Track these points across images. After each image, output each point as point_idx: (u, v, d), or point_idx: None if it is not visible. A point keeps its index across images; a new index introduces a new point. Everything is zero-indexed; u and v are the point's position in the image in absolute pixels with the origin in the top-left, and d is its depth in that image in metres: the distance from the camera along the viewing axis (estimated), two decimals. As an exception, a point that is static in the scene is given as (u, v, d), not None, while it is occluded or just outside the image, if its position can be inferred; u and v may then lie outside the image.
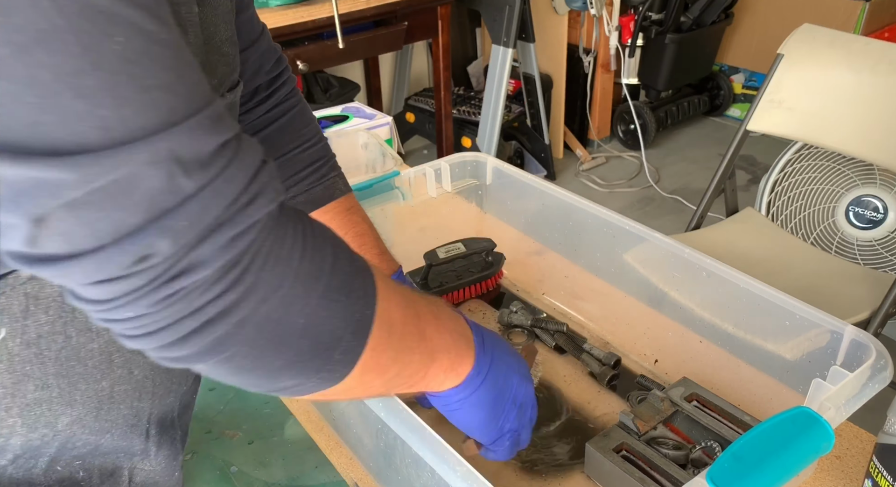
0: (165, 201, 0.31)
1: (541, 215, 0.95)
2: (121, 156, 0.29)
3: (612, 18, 2.67)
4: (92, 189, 0.29)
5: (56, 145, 0.28)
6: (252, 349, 0.36)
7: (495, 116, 2.54)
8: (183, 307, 0.33)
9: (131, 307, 0.33)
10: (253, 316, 0.35)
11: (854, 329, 0.64)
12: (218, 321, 0.34)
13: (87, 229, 0.30)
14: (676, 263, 0.78)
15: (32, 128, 0.28)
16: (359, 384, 0.44)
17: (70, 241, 0.30)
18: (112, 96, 0.29)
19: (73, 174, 0.29)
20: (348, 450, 0.77)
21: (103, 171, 0.29)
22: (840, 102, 1.36)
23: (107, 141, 0.29)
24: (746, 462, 0.50)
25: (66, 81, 0.28)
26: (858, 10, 2.63)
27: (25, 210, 0.29)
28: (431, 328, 0.50)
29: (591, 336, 0.90)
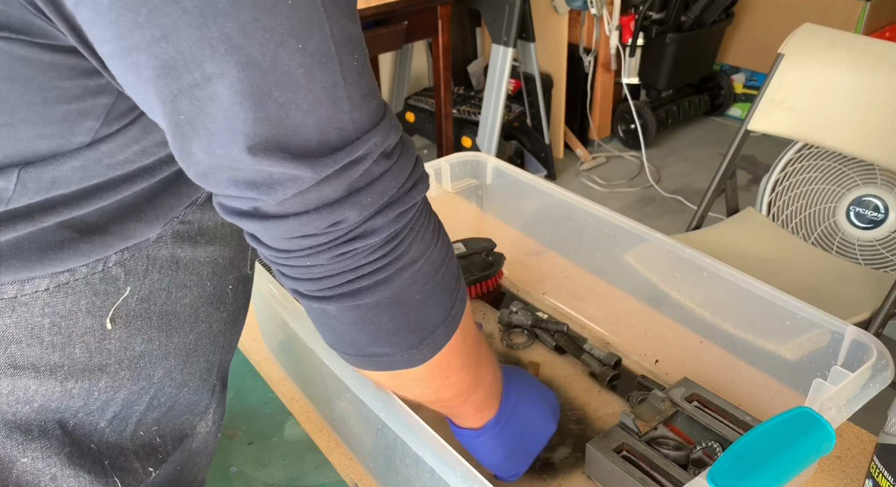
0: (360, 182, 0.39)
1: (541, 215, 0.95)
2: (348, 151, 0.38)
3: (612, 18, 2.66)
4: (322, 178, 0.37)
5: (308, 145, 0.36)
6: (378, 304, 0.44)
7: (495, 116, 2.54)
8: (350, 263, 0.42)
9: (312, 258, 0.41)
10: (392, 280, 0.43)
11: (855, 329, 0.63)
12: (368, 277, 0.43)
13: (300, 199, 0.38)
14: (677, 263, 0.78)
15: (297, 128, 0.36)
16: (425, 377, 0.51)
17: (282, 206, 0.38)
18: (350, 103, 0.37)
19: (313, 171, 0.37)
20: (348, 450, 0.76)
21: (333, 164, 0.37)
22: (841, 101, 1.35)
23: (342, 140, 0.37)
24: (747, 463, 0.50)
25: (328, 93, 0.36)
26: (859, 10, 2.63)
27: (276, 194, 0.37)
28: (483, 359, 0.57)
29: (591, 337, 0.90)
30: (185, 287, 0.49)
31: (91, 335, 0.45)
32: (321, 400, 0.79)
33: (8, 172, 0.38)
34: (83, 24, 0.33)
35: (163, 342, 0.49)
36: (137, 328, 0.47)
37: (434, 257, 0.46)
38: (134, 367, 0.48)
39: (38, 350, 0.44)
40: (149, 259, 0.46)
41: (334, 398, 0.74)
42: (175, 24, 0.32)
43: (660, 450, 0.67)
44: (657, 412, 0.71)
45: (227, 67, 0.33)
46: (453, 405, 0.57)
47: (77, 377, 0.46)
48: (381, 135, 0.39)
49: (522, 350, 0.89)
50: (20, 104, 0.36)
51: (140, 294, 0.47)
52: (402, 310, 0.45)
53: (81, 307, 0.44)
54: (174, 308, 0.49)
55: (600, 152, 3.04)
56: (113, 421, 0.49)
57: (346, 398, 0.69)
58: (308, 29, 0.34)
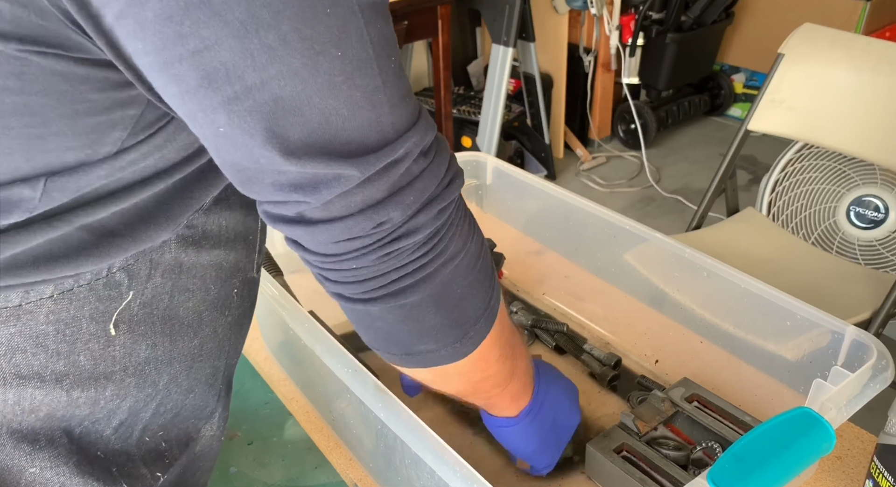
0: (402, 181, 0.40)
1: (541, 215, 0.95)
2: (388, 151, 0.38)
3: (612, 18, 2.66)
4: (365, 178, 0.38)
5: (349, 147, 0.37)
6: (422, 301, 0.45)
7: (495, 116, 2.54)
8: (395, 262, 0.42)
9: (357, 260, 0.42)
10: (434, 276, 0.44)
11: (855, 330, 0.63)
12: (412, 276, 0.43)
13: (345, 202, 0.39)
14: (677, 263, 0.78)
15: (338, 132, 0.37)
16: (467, 371, 0.51)
17: (328, 210, 0.39)
18: (390, 105, 0.38)
19: (357, 170, 0.37)
20: (348, 451, 0.76)
21: (376, 163, 0.38)
22: (841, 101, 1.35)
23: (382, 142, 0.38)
24: (747, 463, 0.49)
25: (369, 97, 0.37)
26: (859, 10, 2.63)
27: (321, 195, 0.38)
28: (518, 348, 0.58)
29: (591, 337, 0.90)
30: (189, 291, 0.49)
31: (95, 341, 0.45)
32: (321, 400, 0.79)
33: (34, 181, 0.39)
34: (123, 37, 0.33)
35: (167, 347, 0.49)
36: (141, 333, 0.47)
37: (472, 250, 0.47)
38: (139, 374, 0.48)
39: (43, 359, 0.44)
40: (152, 264, 0.46)
41: (334, 399, 0.74)
42: (217, 35, 0.32)
43: (660, 450, 0.67)
44: (657, 412, 0.71)
45: (268, 76, 0.34)
46: (490, 396, 0.58)
47: (83, 385, 0.46)
48: (420, 134, 0.40)
49: (522, 350, 0.89)
50: (52, 117, 0.37)
51: (143, 299, 0.46)
52: (445, 305, 0.46)
53: (85, 313, 0.44)
54: (177, 313, 0.49)
55: (600, 152, 3.04)
56: (119, 429, 0.49)
57: (346, 399, 0.69)
58: (347, 36, 0.35)
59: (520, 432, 0.63)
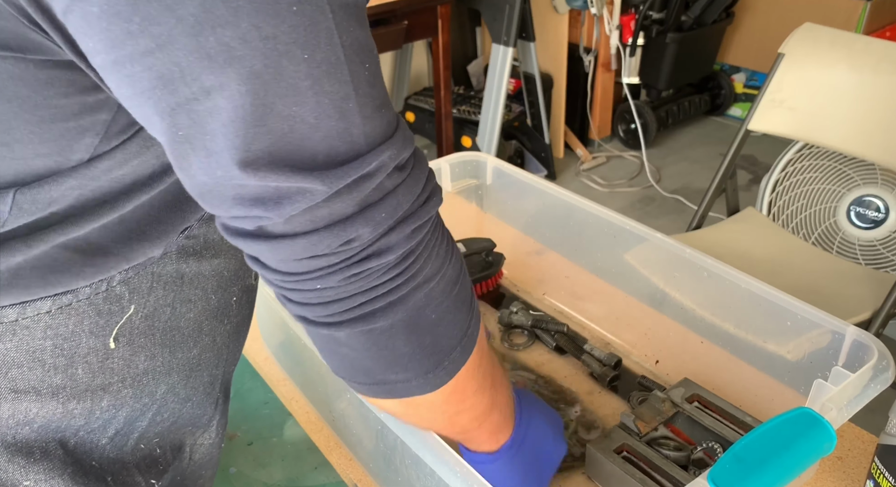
0: (373, 196, 0.37)
1: (541, 215, 0.95)
2: (358, 164, 0.35)
3: (612, 17, 2.66)
4: (333, 192, 0.35)
5: (315, 159, 0.34)
6: (392, 327, 0.41)
7: (495, 116, 2.53)
8: (364, 283, 0.39)
9: (322, 280, 0.38)
10: (406, 299, 0.41)
11: (855, 330, 0.63)
12: (382, 299, 0.40)
13: (309, 216, 0.36)
14: (677, 263, 0.77)
15: (303, 142, 0.33)
16: (440, 403, 0.47)
17: (290, 225, 0.36)
18: (361, 116, 0.35)
19: (324, 185, 0.34)
20: (348, 451, 0.76)
21: (344, 177, 0.35)
22: (841, 101, 1.35)
23: (351, 154, 0.35)
24: (748, 463, 0.49)
25: (337, 105, 0.34)
26: (860, 10, 2.62)
27: (283, 210, 0.35)
28: (498, 379, 0.54)
29: (591, 337, 0.90)
30: (190, 302, 0.48)
31: (94, 355, 0.44)
32: (321, 401, 0.79)
33: (3, 194, 0.37)
34: (74, 34, 0.31)
35: (166, 358, 0.48)
36: (141, 345, 0.46)
37: (449, 274, 0.43)
38: (137, 385, 0.47)
39: (39, 373, 0.43)
40: (153, 276, 0.45)
41: (334, 399, 0.74)
42: (170, 33, 0.30)
43: (660, 451, 0.67)
44: (657, 412, 0.71)
45: (227, 79, 0.31)
46: (467, 431, 0.54)
47: (79, 397, 0.45)
48: (395, 148, 0.37)
49: (522, 351, 0.89)
50: (16, 124, 0.35)
51: (144, 312, 0.45)
52: (417, 332, 0.43)
53: (84, 327, 0.43)
54: (178, 324, 0.48)
55: (600, 152, 3.04)
56: (114, 437, 0.48)
57: (345, 399, 0.69)
58: (315, 37, 0.32)
59: (500, 468, 0.58)
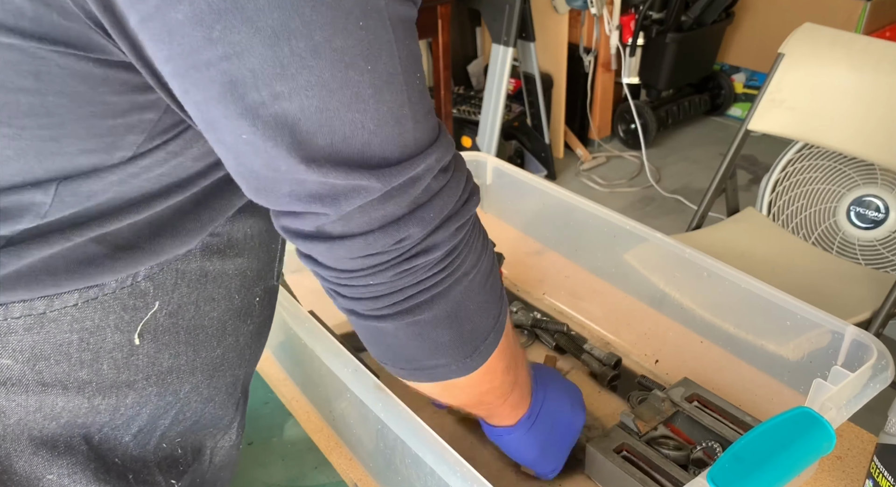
0: (422, 198, 0.40)
1: (541, 215, 0.95)
2: (409, 166, 0.38)
3: (612, 17, 2.66)
4: (385, 192, 0.37)
5: (371, 159, 0.37)
6: (436, 318, 0.44)
7: (495, 116, 2.53)
8: (412, 278, 0.42)
9: (375, 277, 0.41)
10: (449, 292, 0.44)
11: (855, 329, 0.63)
12: (427, 292, 0.43)
13: (366, 217, 0.38)
14: (677, 263, 0.78)
15: (363, 146, 0.36)
16: (475, 384, 0.51)
17: (348, 226, 0.39)
18: (414, 121, 0.38)
19: (380, 182, 0.37)
20: (348, 451, 0.76)
21: (398, 176, 0.37)
22: (841, 101, 1.35)
23: (404, 156, 0.38)
24: (747, 463, 0.49)
25: (395, 113, 0.37)
26: (860, 10, 2.62)
27: (340, 207, 0.37)
28: (520, 356, 0.58)
29: (591, 337, 0.90)
30: (214, 301, 0.49)
31: (119, 350, 0.45)
32: (321, 400, 0.79)
33: (46, 185, 0.38)
34: (148, 40, 0.33)
35: (190, 356, 0.49)
36: (165, 342, 0.47)
37: (484, 267, 0.46)
38: (161, 382, 0.48)
39: (66, 367, 0.43)
40: (178, 273, 0.46)
41: (334, 399, 0.74)
42: (249, 41, 0.32)
43: (660, 450, 0.67)
44: (657, 412, 0.71)
45: (297, 85, 0.33)
46: (493, 407, 0.58)
47: (104, 393, 0.45)
48: (440, 151, 0.40)
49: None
50: (68, 118, 0.36)
51: (169, 309, 0.46)
52: (457, 322, 0.46)
53: (110, 322, 0.44)
54: (202, 322, 0.49)
55: (600, 152, 3.04)
56: (138, 435, 0.49)
57: (346, 399, 0.69)
58: (377, 50, 0.35)
59: (519, 439, 0.63)
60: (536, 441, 0.64)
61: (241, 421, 0.58)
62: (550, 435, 0.65)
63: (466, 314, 0.46)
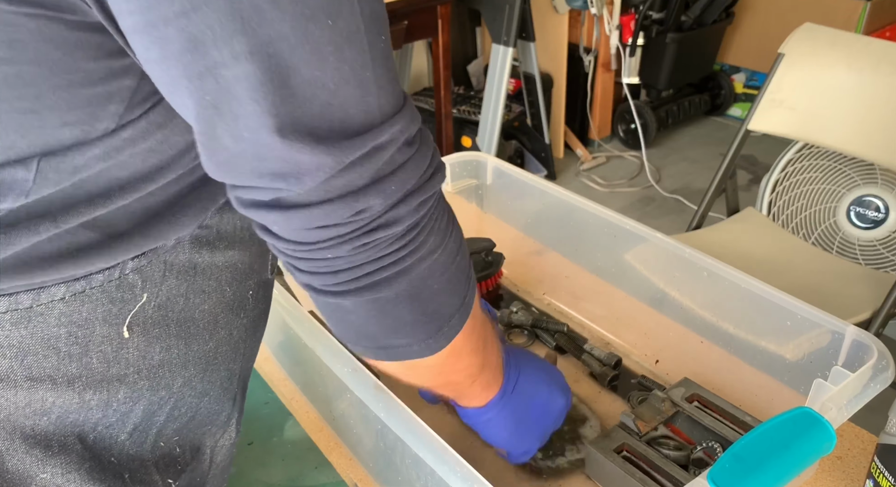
0: (385, 169, 0.38)
1: (541, 215, 0.95)
2: (372, 135, 0.36)
3: (612, 17, 2.66)
4: (348, 162, 0.36)
5: (332, 127, 0.35)
6: (397, 296, 0.43)
7: (495, 116, 2.53)
8: (371, 253, 0.41)
9: (333, 250, 0.40)
10: (411, 270, 0.43)
11: (855, 329, 0.63)
12: (388, 269, 0.42)
13: (325, 186, 0.37)
14: (677, 263, 0.77)
15: (323, 108, 0.35)
16: (439, 364, 0.50)
17: (306, 195, 0.37)
18: (377, 86, 0.36)
19: (340, 155, 0.36)
20: (348, 451, 0.76)
21: (361, 146, 0.36)
22: (841, 101, 1.35)
23: (366, 124, 0.36)
24: (748, 463, 0.49)
25: (356, 73, 0.35)
26: (860, 10, 2.62)
27: (304, 184, 0.36)
28: (490, 338, 0.57)
29: (591, 337, 0.90)
30: (204, 293, 0.48)
31: (108, 344, 0.44)
32: (321, 400, 0.79)
33: (28, 161, 0.37)
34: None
35: (182, 350, 0.48)
36: (155, 335, 0.46)
37: (450, 247, 0.45)
38: (153, 376, 0.47)
39: (54, 361, 0.43)
40: (166, 265, 0.45)
41: (334, 398, 0.74)
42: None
43: (660, 450, 0.67)
44: (657, 412, 0.71)
45: (258, 42, 0.32)
46: (461, 387, 0.57)
47: (95, 387, 0.45)
48: (405, 121, 0.38)
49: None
50: (45, 88, 0.36)
51: (157, 301, 0.46)
52: (420, 301, 0.45)
53: (98, 315, 0.43)
54: (192, 315, 0.48)
55: (600, 152, 3.04)
56: (133, 433, 0.48)
57: (346, 399, 0.69)
58: (338, 4, 0.33)
59: (490, 421, 0.62)
60: (509, 422, 0.63)
61: (240, 418, 0.57)
62: (522, 418, 0.64)
63: (430, 293, 0.45)
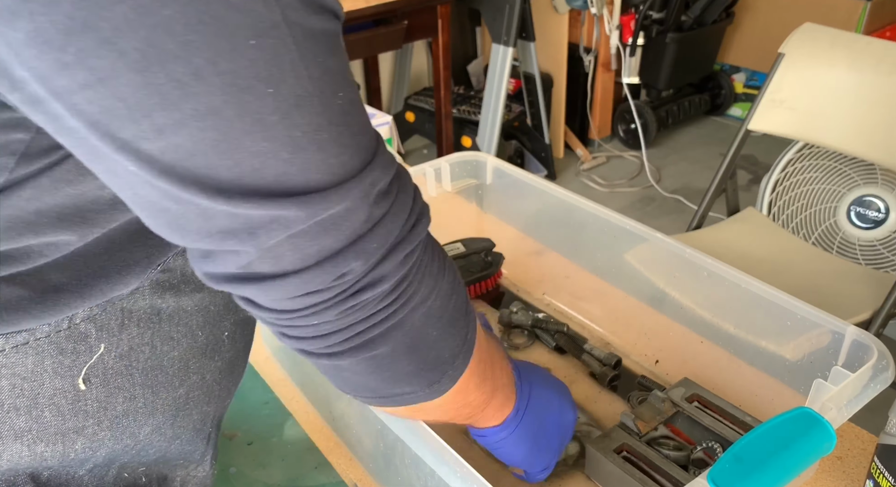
0: (362, 228, 0.35)
1: (541, 215, 0.95)
2: (341, 193, 0.33)
3: (612, 17, 2.66)
4: (314, 222, 0.33)
5: (291, 188, 0.32)
6: (394, 351, 0.41)
7: (495, 116, 2.53)
8: (361, 314, 0.38)
9: (318, 316, 0.37)
10: (404, 323, 0.40)
11: (855, 329, 0.63)
12: (380, 325, 0.39)
13: (299, 253, 0.34)
14: (677, 263, 0.77)
15: (279, 177, 0.32)
16: (447, 403, 0.48)
17: (279, 263, 0.34)
18: (338, 145, 0.33)
19: (304, 211, 0.32)
20: (348, 451, 0.76)
21: (327, 207, 0.33)
22: (841, 101, 1.35)
23: (331, 182, 0.33)
24: (748, 463, 0.49)
25: (311, 138, 0.32)
26: (860, 10, 2.62)
27: (259, 242, 0.33)
28: (497, 363, 0.55)
29: (591, 337, 0.90)
30: (173, 340, 0.45)
31: (62, 396, 0.41)
32: (321, 400, 0.79)
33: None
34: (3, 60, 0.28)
35: (148, 398, 0.45)
36: (118, 386, 0.43)
37: (444, 290, 0.43)
38: (115, 426, 0.44)
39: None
40: (124, 313, 0.42)
41: (334, 399, 0.74)
42: (112, 67, 0.27)
43: (660, 451, 0.67)
44: (657, 412, 0.71)
45: (183, 116, 0.28)
46: (472, 415, 0.55)
47: (48, 440, 0.42)
48: (376, 172, 0.35)
49: (522, 350, 0.89)
50: None
51: (118, 351, 0.42)
52: (418, 351, 0.42)
53: (46, 367, 0.40)
54: (160, 363, 0.45)
55: (600, 152, 3.04)
56: (93, 470, 0.45)
57: (345, 399, 0.69)
58: (279, 71, 0.30)
59: (506, 439, 0.60)
60: (525, 440, 0.61)
61: (215, 453, 0.55)
62: (539, 433, 0.62)
63: (427, 341, 0.42)
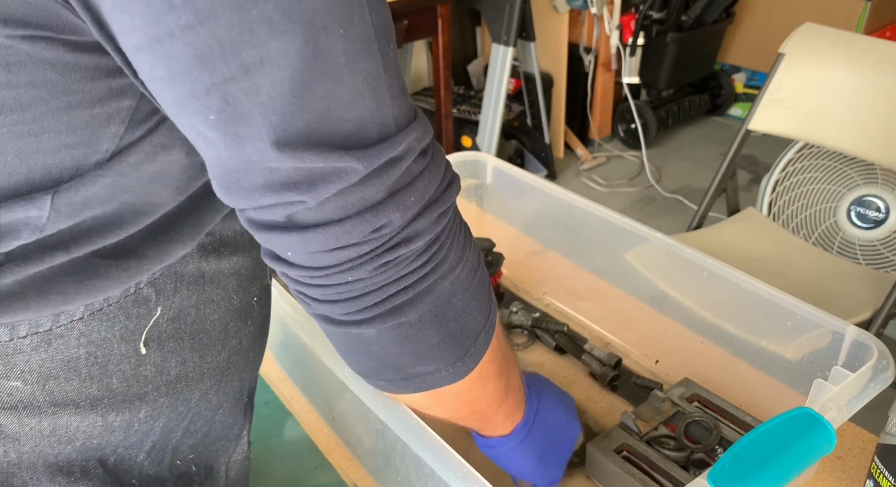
0: (402, 181, 0.37)
1: (541, 215, 0.95)
2: (389, 146, 0.35)
3: (612, 17, 2.66)
4: (366, 173, 0.35)
5: (349, 139, 0.34)
6: (422, 319, 0.41)
7: (495, 116, 2.53)
8: (393, 273, 0.39)
9: (352, 272, 0.38)
10: (434, 288, 0.41)
11: (855, 329, 0.63)
12: (412, 289, 0.40)
13: (342, 202, 0.35)
14: (677, 263, 0.77)
15: (338, 123, 0.33)
16: (465, 391, 0.48)
17: (322, 212, 0.35)
18: (391, 96, 0.35)
19: (360, 164, 0.34)
20: (348, 451, 0.76)
21: (378, 157, 0.35)
22: (842, 101, 1.35)
23: (383, 135, 0.35)
24: (748, 463, 0.49)
25: (371, 84, 0.34)
26: (860, 10, 2.62)
27: (319, 193, 0.34)
28: (510, 359, 0.54)
29: (591, 337, 0.90)
30: (213, 303, 0.48)
31: (127, 362, 0.44)
32: (321, 400, 0.79)
33: (40, 199, 0.37)
34: (110, 12, 0.30)
35: (196, 362, 0.48)
36: (171, 349, 0.46)
37: (471, 262, 0.44)
38: (172, 392, 0.47)
39: (76, 384, 0.42)
40: (177, 276, 0.45)
41: (334, 399, 0.74)
42: (213, 7, 0.29)
43: (660, 451, 0.67)
44: (657, 412, 0.71)
45: (268, 54, 0.30)
46: (486, 416, 0.54)
47: (117, 408, 0.44)
48: (419, 131, 0.37)
49: (522, 350, 0.89)
50: (44, 111, 0.35)
51: (170, 314, 0.45)
52: (445, 321, 0.43)
53: (115, 333, 0.43)
54: (204, 326, 0.48)
55: (600, 152, 3.04)
56: (151, 452, 0.48)
57: (346, 399, 0.69)
58: (349, 13, 0.32)
59: (515, 449, 0.59)
60: (534, 451, 0.60)
61: (249, 429, 0.57)
62: (547, 444, 0.61)
63: (454, 312, 0.43)
